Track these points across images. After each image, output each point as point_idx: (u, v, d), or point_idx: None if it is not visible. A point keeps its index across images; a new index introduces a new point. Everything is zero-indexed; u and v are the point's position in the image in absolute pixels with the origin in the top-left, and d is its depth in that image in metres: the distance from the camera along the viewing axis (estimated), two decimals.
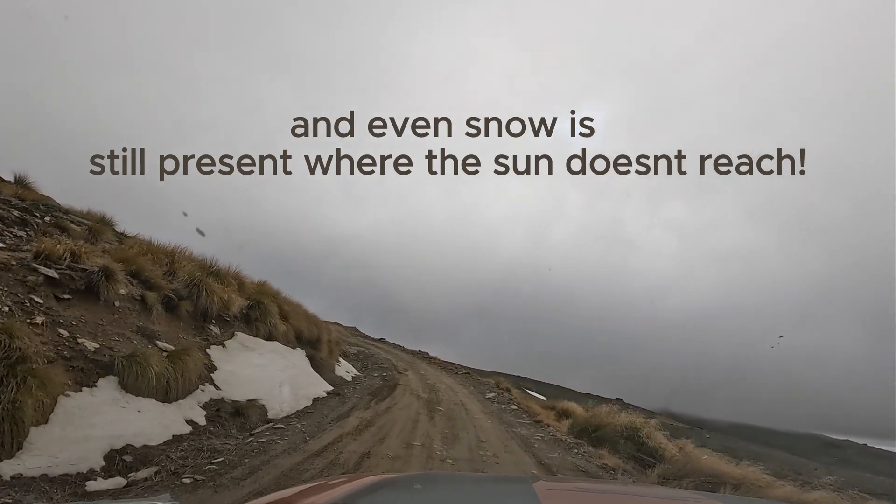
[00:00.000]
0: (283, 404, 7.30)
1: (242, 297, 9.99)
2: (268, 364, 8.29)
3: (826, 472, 29.78)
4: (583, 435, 7.37)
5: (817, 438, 58.18)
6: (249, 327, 9.37)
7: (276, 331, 9.90)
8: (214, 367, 7.06)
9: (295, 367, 9.11)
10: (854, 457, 41.19)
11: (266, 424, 6.23)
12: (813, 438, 58.03)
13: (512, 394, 12.75)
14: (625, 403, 68.66)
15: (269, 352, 8.87)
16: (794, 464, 39.76)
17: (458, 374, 17.11)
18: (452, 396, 10.42)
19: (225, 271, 9.86)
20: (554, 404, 15.19)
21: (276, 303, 10.68)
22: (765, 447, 53.14)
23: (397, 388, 10.64)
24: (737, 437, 59.29)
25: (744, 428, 79.58)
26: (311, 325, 12.22)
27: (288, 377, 8.30)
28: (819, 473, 29.12)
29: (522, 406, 10.73)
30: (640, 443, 6.75)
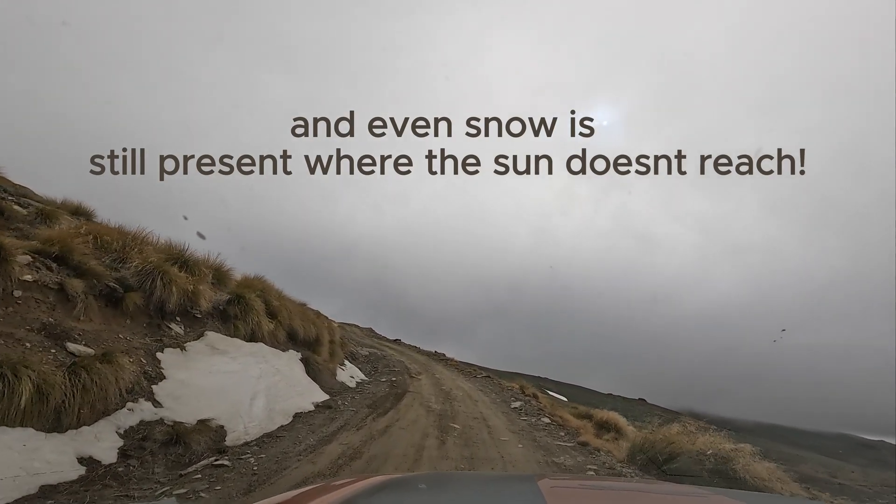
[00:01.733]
0: (251, 424, 5.52)
1: (221, 290, 8.30)
2: (241, 370, 6.54)
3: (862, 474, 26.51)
4: (650, 466, 5.36)
5: (848, 438, 54.57)
6: (227, 326, 7.67)
7: (260, 330, 8.18)
8: (161, 377, 5.32)
9: (279, 374, 7.35)
10: (889, 457, 38.12)
11: (211, 458, 4.43)
12: (844, 438, 54.42)
13: (540, 401, 10.74)
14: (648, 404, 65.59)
15: (246, 355, 7.13)
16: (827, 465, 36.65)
17: (477, 377, 15.16)
18: (471, 407, 8.50)
19: (200, 261, 8.18)
20: (589, 412, 13.10)
21: (263, 298, 8.97)
22: (794, 448, 49.72)
23: (405, 398, 8.78)
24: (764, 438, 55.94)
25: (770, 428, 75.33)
26: (308, 324, 10.48)
27: (266, 387, 6.53)
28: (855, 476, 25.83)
29: (555, 418, 8.73)
30: (734, 477, 4.72)
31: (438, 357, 21.88)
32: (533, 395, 11.32)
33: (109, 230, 6.75)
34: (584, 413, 13.08)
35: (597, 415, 12.58)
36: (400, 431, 5.92)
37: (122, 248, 6.45)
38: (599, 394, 68.86)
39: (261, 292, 9.13)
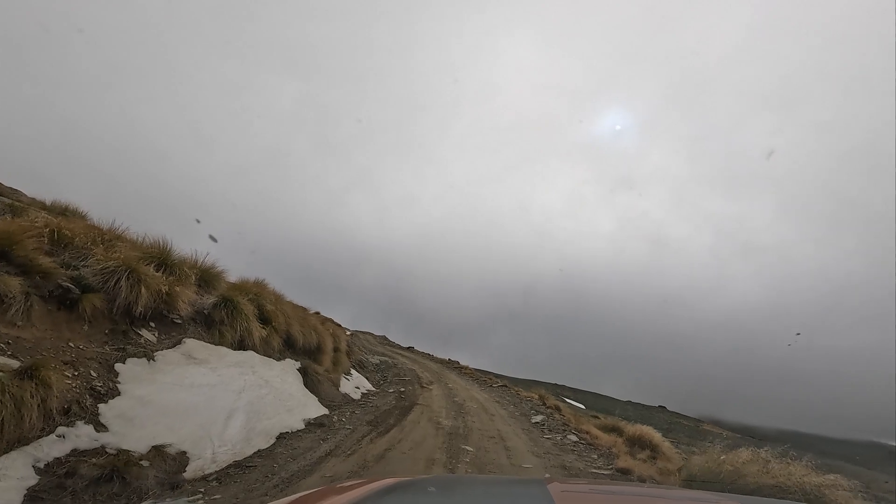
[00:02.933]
0: (222, 449, 4.53)
1: (209, 293, 7.41)
2: (220, 383, 5.58)
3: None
4: None
5: (880, 447, 51.92)
6: (211, 332, 6.75)
7: (250, 337, 7.24)
8: (115, 393, 4.38)
9: (268, 387, 6.37)
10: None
11: (148, 501, 3.43)
12: (874, 447, 51.78)
13: (563, 414, 9.53)
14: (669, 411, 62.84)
15: (230, 365, 6.18)
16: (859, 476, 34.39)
17: (493, 386, 13.99)
18: (486, 423, 7.38)
19: (184, 261, 7.31)
20: (616, 424, 11.78)
21: (256, 302, 8.06)
22: (824, 457, 46.84)
23: (412, 412, 7.72)
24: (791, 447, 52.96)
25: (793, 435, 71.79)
26: (309, 331, 9.53)
27: (248, 402, 5.55)
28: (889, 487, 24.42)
29: (583, 435, 7.55)
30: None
31: (452, 365, 20.72)
32: (555, 406, 10.12)
33: (73, 224, 5.91)
34: (611, 426, 11.78)
35: (626, 428, 11.28)
36: (400, 457, 4.85)
37: (85, 244, 5.59)
38: (617, 401, 66.46)
39: (255, 296, 8.23)
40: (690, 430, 48.79)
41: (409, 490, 1.26)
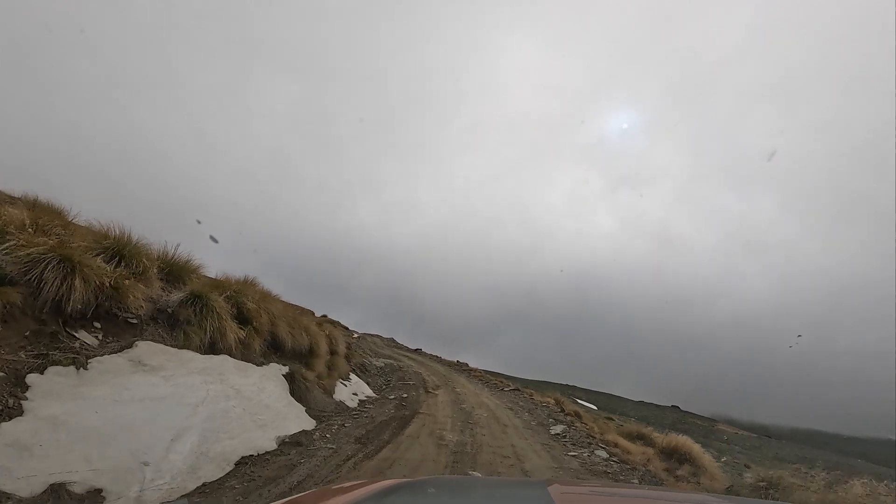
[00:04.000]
0: (156, 483, 3.42)
1: (177, 289, 6.35)
2: (173, 395, 4.50)
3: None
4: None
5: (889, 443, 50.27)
6: (175, 334, 5.68)
7: (223, 338, 6.17)
8: (14, 413, 3.31)
9: (238, 397, 5.28)
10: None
11: None
12: (889, 444, 50.04)
13: (586, 423, 8.29)
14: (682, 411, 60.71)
15: (192, 372, 5.10)
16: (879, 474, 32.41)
17: (505, 390, 12.77)
18: (499, 436, 6.20)
19: (150, 252, 6.27)
20: (642, 432, 10.49)
21: (235, 300, 7.00)
22: (842, 456, 44.70)
23: (412, 423, 6.57)
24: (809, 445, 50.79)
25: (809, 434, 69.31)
26: (299, 332, 8.44)
27: (206, 418, 4.45)
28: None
29: (613, 449, 6.33)
30: None
31: (461, 367, 19.53)
32: (574, 413, 8.88)
33: None
34: (635, 433, 10.49)
35: (654, 437, 9.99)
36: None
37: (6, 227, 4.55)
38: (630, 401, 64.61)
39: (234, 293, 7.17)
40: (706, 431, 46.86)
41: (410, 491, 1.22)
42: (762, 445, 43.26)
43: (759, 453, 36.67)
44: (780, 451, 41.49)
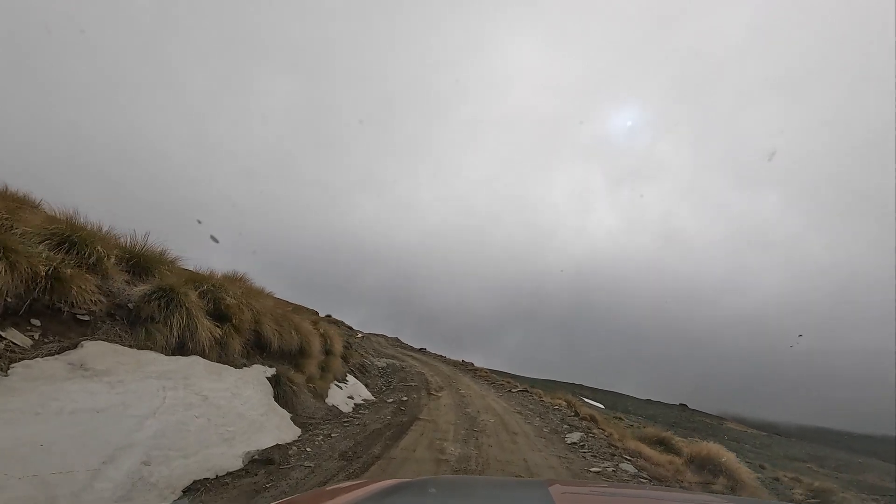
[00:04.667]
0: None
1: (143, 282, 5.57)
2: (118, 405, 3.70)
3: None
4: None
5: None
6: (135, 332, 4.90)
7: (195, 337, 5.38)
8: None
9: (203, 405, 4.47)
10: None
11: None
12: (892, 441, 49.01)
13: (603, 428, 7.40)
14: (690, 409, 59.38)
15: (150, 377, 4.31)
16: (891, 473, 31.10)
17: (513, 391, 11.89)
18: (508, 447, 5.36)
19: (111, 239, 5.51)
20: (661, 437, 9.58)
21: (213, 295, 6.23)
22: (852, 454, 43.25)
23: (410, 431, 5.74)
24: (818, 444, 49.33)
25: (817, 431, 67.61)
26: (288, 330, 7.64)
27: (155, 433, 3.65)
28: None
29: (637, 459, 5.46)
30: None
31: (466, 367, 18.68)
32: (590, 417, 7.98)
33: None
34: (654, 437, 9.58)
35: (676, 443, 9.07)
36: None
37: None
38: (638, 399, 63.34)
39: (212, 287, 6.38)
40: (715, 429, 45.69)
41: (410, 491, 1.20)
42: (772, 444, 42.13)
43: (770, 452, 35.53)
44: (789, 449, 40.31)
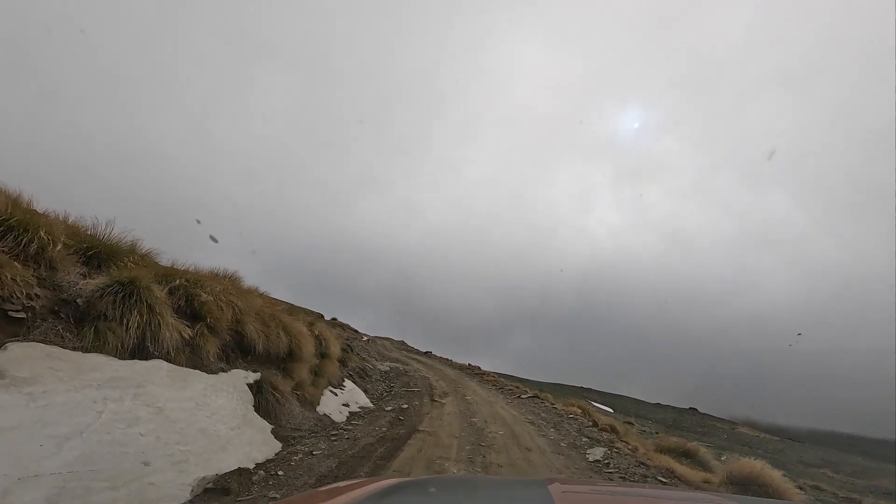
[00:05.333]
0: None
1: (101, 274, 4.81)
2: (34, 422, 2.92)
3: None
4: None
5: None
6: (82, 332, 4.13)
7: (158, 338, 4.60)
8: None
9: (154, 420, 3.68)
10: None
11: None
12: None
13: (627, 441, 6.49)
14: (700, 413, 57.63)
15: (86, 386, 3.54)
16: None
17: (522, 397, 10.98)
18: (521, 467, 4.50)
19: (61, 223, 4.78)
20: (686, 448, 8.61)
21: (185, 290, 5.47)
22: (867, 458, 41.31)
23: (407, 446, 4.89)
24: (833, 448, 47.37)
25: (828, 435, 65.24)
26: (276, 331, 6.84)
27: (77, 458, 2.85)
28: None
29: (671, 480, 4.55)
30: None
31: (472, 371, 17.77)
32: (610, 428, 7.07)
33: None
34: (680, 448, 8.62)
35: (706, 457, 8.11)
36: None
37: None
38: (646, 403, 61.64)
39: (186, 282, 5.62)
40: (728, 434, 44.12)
41: (410, 491, 1.18)
42: (785, 448, 40.65)
43: (784, 457, 34.13)
44: (803, 454, 38.75)
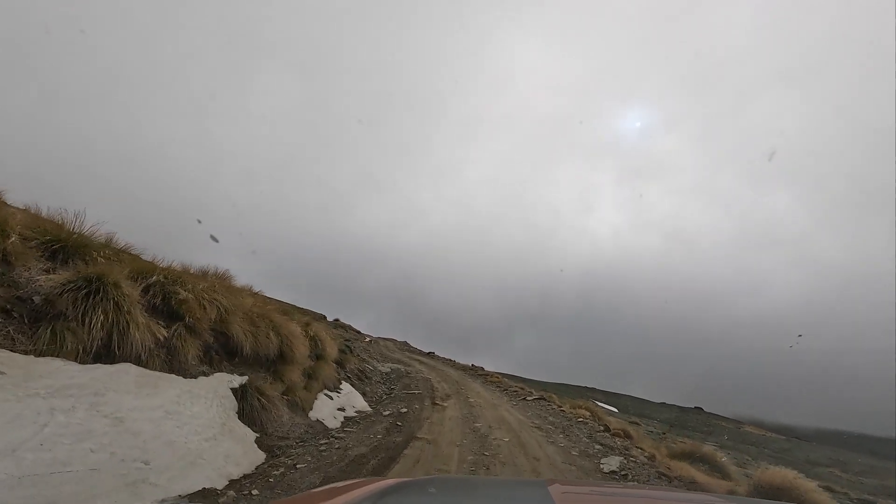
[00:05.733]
0: None
1: (72, 269, 4.36)
2: None
3: None
4: None
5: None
6: (36, 333, 3.68)
7: (127, 339, 4.14)
8: None
9: (111, 434, 3.22)
10: None
11: None
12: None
13: (643, 447, 5.96)
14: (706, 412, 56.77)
15: (30, 395, 3.10)
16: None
17: (528, 399, 10.46)
18: None
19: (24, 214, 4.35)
20: (701, 453, 8.06)
21: (161, 288, 5.02)
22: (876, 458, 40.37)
23: (402, 457, 4.41)
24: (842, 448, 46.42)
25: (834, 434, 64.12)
26: (265, 331, 6.38)
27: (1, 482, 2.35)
28: None
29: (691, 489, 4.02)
30: None
31: (476, 372, 17.25)
32: (623, 433, 6.53)
33: None
34: (696, 453, 8.07)
35: (724, 463, 7.58)
36: None
37: None
38: (651, 403, 60.77)
39: (164, 278, 5.17)
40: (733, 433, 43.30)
41: (410, 491, 1.17)
42: (791, 448, 39.94)
43: (791, 456, 33.45)
44: (810, 453, 37.95)
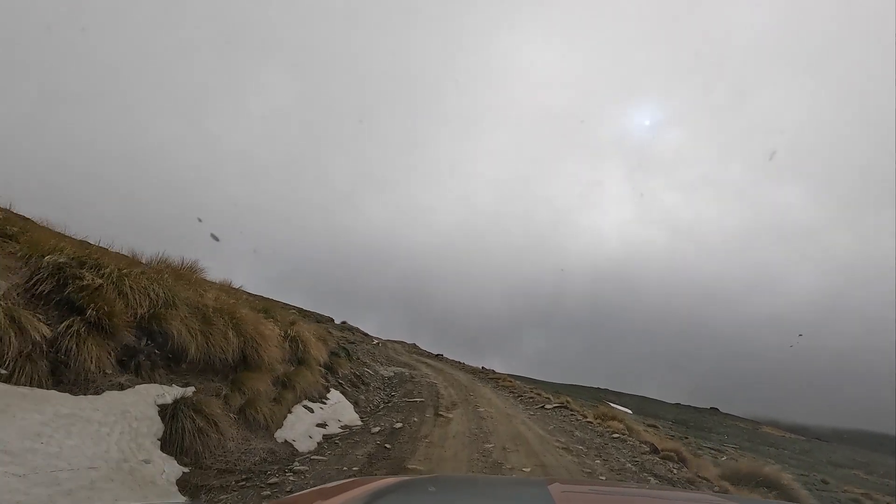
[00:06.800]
0: None
1: None
2: None
3: None
4: None
5: None
6: None
7: None
8: None
9: None
10: None
11: None
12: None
13: (700, 473, 4.45)
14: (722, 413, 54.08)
15: None
16: None
17: (546, 408, 8.94)
18: None
19: None
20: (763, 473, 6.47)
21: (59, 273, 3.69)
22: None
23: None
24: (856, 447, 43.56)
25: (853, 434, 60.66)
26: (224, 330, 5.00)
27: None
28: None
29: None
30: None
31: (486, 375, 15.73)
32: (676, 455, 5.01)
33: None
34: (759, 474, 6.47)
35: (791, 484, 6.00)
36: None
37: None
38: (666, 404, 58.29)
39: (70, 260, 3.86)
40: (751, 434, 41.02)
41: (410, 490, 1.16)
42: (812, 449, 37.85)
43: (812, 458, 31.31)
44: (831, 454, 35.86)
